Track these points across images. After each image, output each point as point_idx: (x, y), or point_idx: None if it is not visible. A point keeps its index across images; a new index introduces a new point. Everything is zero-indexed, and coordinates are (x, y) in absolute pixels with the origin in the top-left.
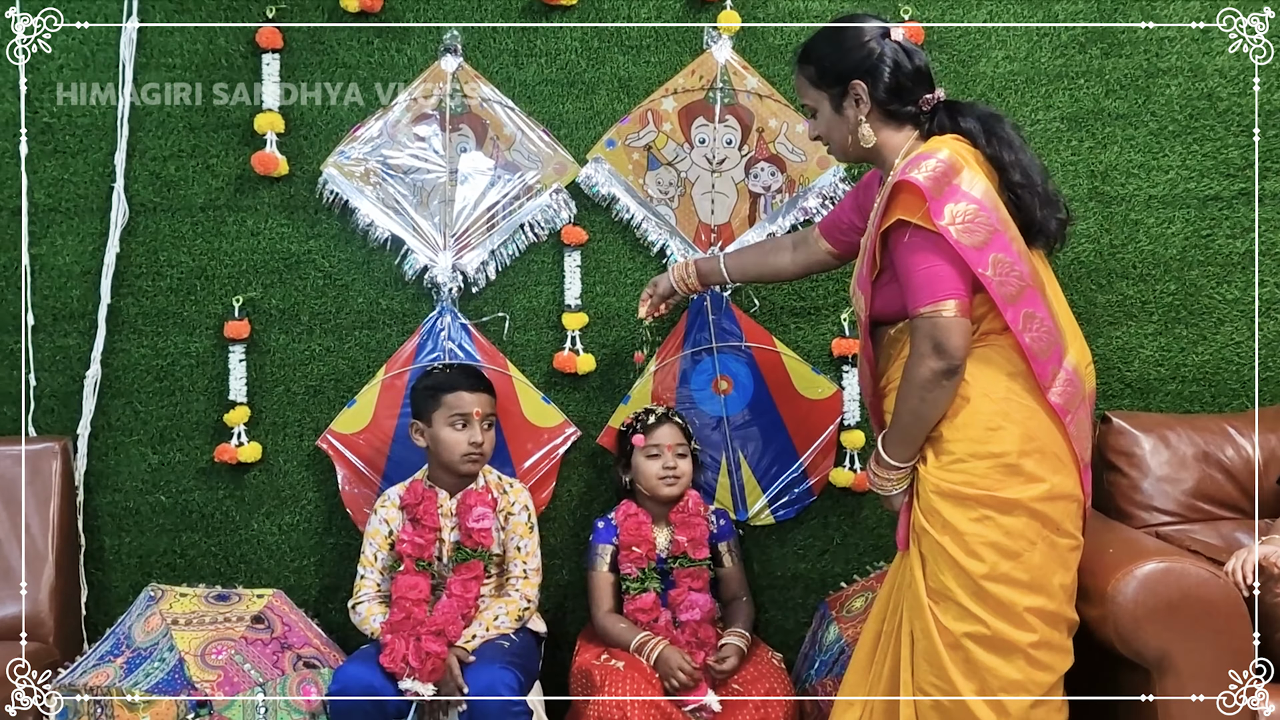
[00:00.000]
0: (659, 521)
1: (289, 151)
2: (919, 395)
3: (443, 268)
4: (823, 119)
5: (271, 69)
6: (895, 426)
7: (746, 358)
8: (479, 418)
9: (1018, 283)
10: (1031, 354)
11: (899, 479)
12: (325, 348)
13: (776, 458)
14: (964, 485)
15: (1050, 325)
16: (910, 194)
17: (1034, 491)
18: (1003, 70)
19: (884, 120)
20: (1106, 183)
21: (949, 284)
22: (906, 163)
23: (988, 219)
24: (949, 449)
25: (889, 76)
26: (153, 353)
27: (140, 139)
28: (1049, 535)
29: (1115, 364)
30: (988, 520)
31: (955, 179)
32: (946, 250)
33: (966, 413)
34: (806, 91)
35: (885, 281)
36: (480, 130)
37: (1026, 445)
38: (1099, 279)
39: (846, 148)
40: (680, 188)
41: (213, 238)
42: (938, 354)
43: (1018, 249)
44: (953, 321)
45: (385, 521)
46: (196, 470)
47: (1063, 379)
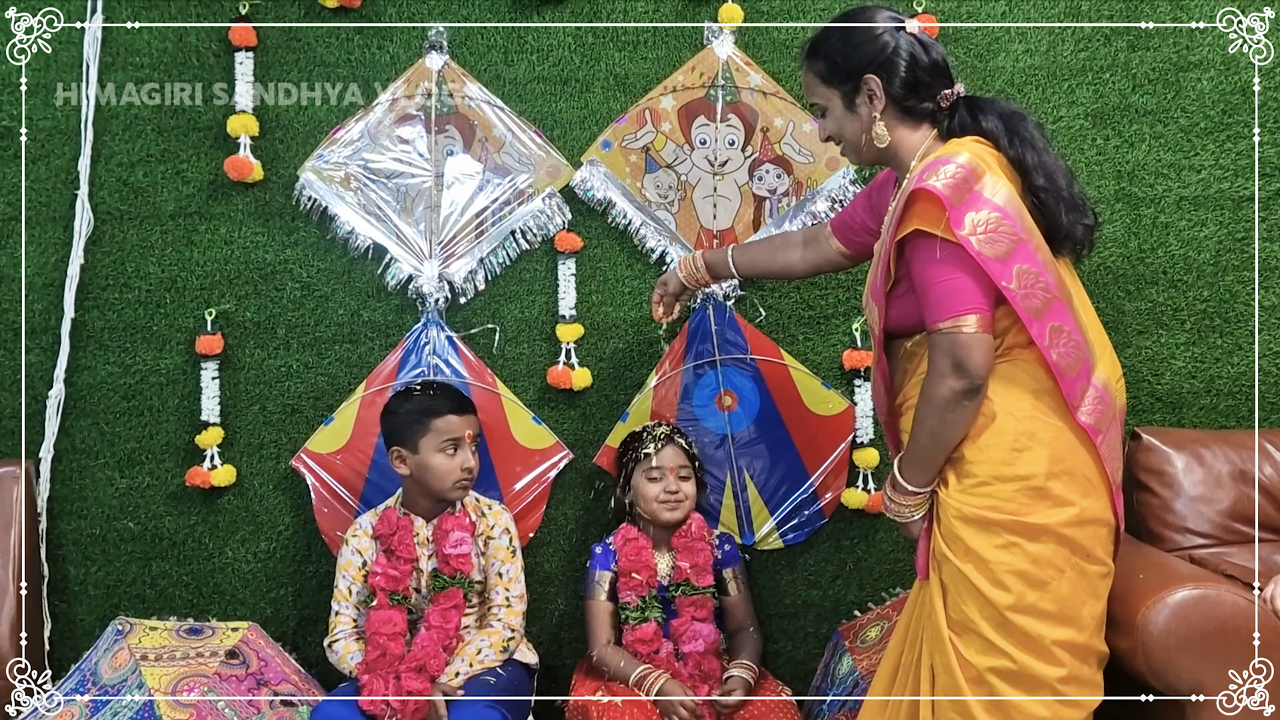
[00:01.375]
0: (660, 546)
1: (264, 155)
2: (938, 416)
3: (428, 277)
4: (834, 118)
5: (245, 68)
6: (912, 449)
7: (752, 371)
8: (470, 440)
9: (1043, 294)
10: (1059, 371)
11: (917, 505)
12: (303, 363)
13: (785, 478)
14: (988, 510)
15: (1079, 339)
16: (928, 203)
17: (1063, 516)
18: (1022, 65)
19: (900, 118)
20: (1134, 183)
21: (970, 298)
22: (924, 167)
23: (1011, 227)
24: (972, 471)
25: (905, 71)
26: (120, 370)
27: (106, 143)
28: (1078, 562)
29: (1145, 376)
30: (1014, 547)
31: (976, 185)
32: (967, 262)
33: (990, 433)
34: (815, 89)
35: (901, 292)
36: (468, 132)
37: (1054, 467)
38: (1127, 285)
39: (860, 148)
40: (680, 191)
41: (183, 247)
42: (958, 373)
43: (1043, 258)
44: (974, 338)
45: (358, 552)
46: (167, 495)
47: (1092, 396)
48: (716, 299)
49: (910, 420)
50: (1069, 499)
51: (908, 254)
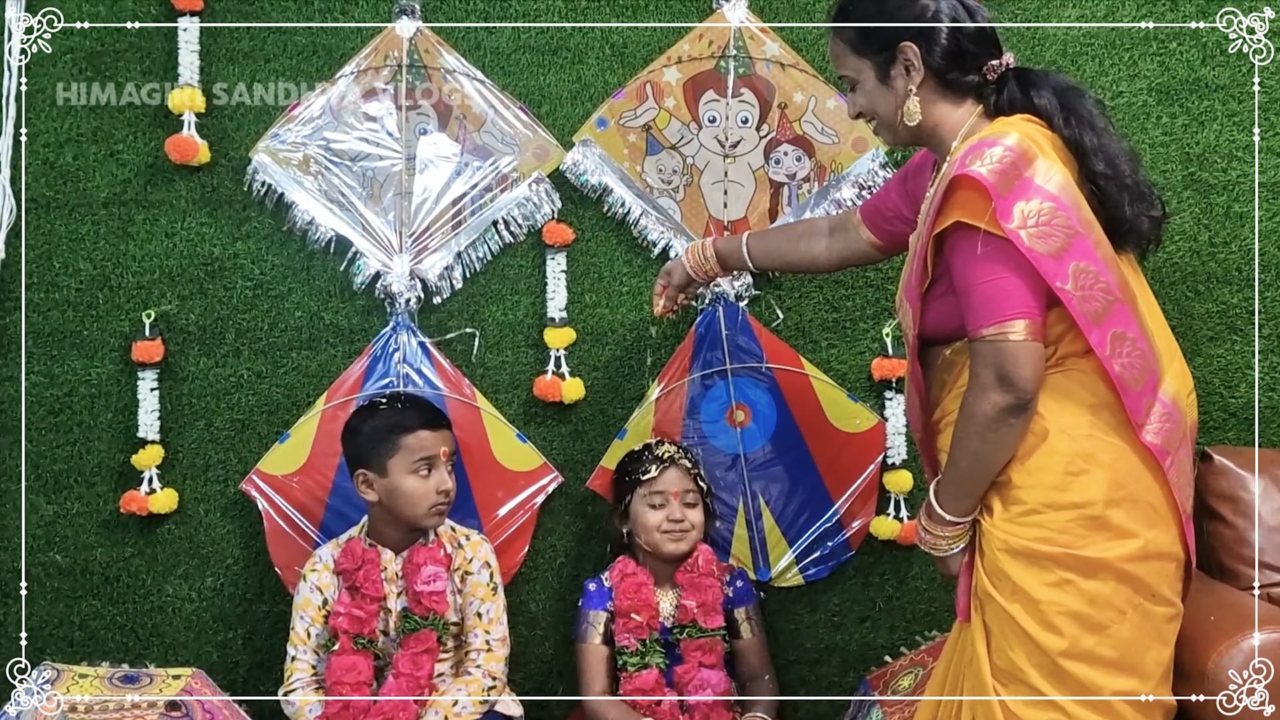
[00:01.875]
0: (662, 583)
1: (211, 135)
2: (980, 435)
3: (398, 274)
4: (865, 92)
5: (189, 35)
6: (951, 472)
7: (768, 382)
8: (445, 459)
9: (1104, 297)
10: (1122, 384)
11: (956, 536)
12: (255, 373)
13: (805, 504)
14: (1038, 542)
15: (1144, 347)
16: (972, 191)
17: (1124, 550)
18: (1077, 32)
19: (940, 92)
20: (1205, 168)
21: (1018, 300)
22: (966, 150)
23: (1066, 219)
24: (1020, 498)
25: (946, 38)
26: (45, 380)
27: (29, 120)
28: (1142, 603)
29: (1217, 389)
30: (1067, 585)
31: (1027, 171)
32: (1016, 259)
33: (1041, 454)
34: (845, 60)
35: (939, 293)
36: (443, 108)
37: (1115, 493)
38: (1196, 285)
39: (895, 126)
40: (686, 176)
41: (118, 240)
42: (1003, 386)
43: (1103, 255)
44: (1022, 346)
45: (318, 589)
46: (99, 523)
47: (1159, 413)
48: (727, 299)
49: (949, 439)
50: (1131, 530)
51: (947, 249)
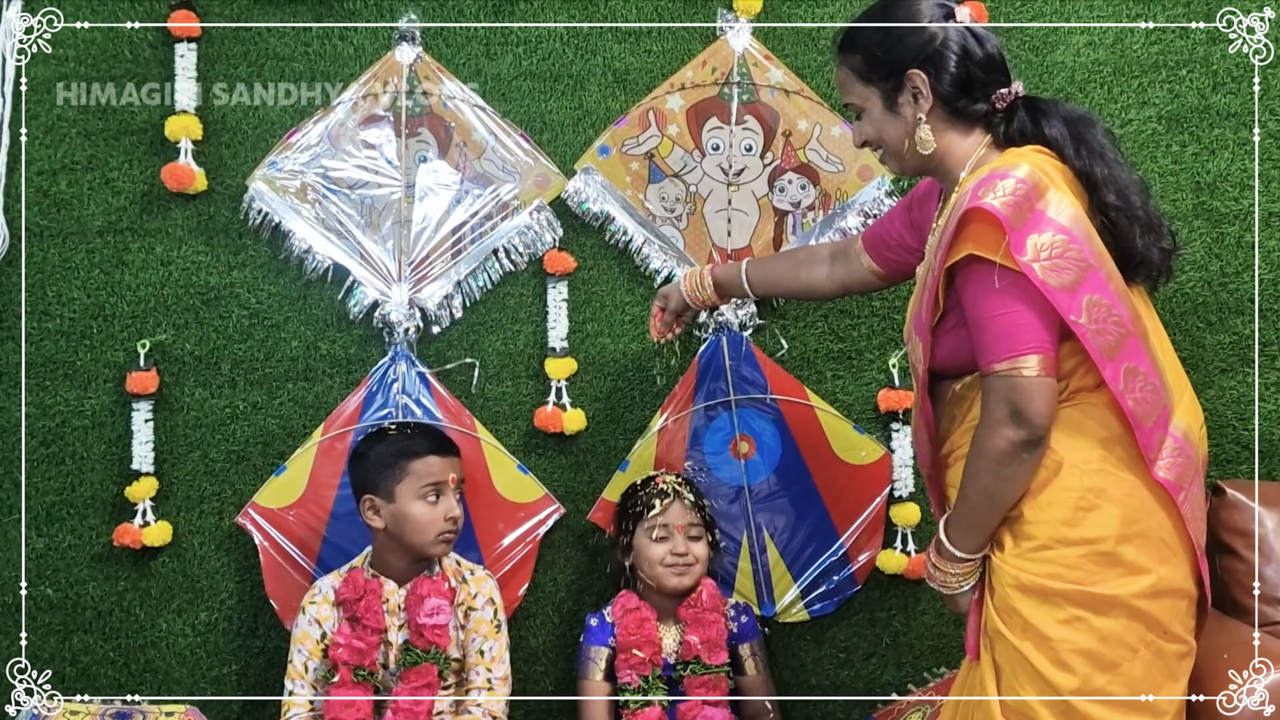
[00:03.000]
0: (666, 618)
1: (207, 163)
2: (992, 471)
3: (397, 304)
4: (872, 120)
5: (186, 62)
6: (962, 508)
7: (773, 413)
8: (454, 484)
9: (1117, 330)
10: (1135, 420)
11: (966, 573)
12: (251, 404)
13: (811, 537)
14: (1049, 578)
15: (1156, 382)
16: (985, 224)
17: (1136, 586)
18: (1085, 59)
19: (949, 121)
20: (1215, 196)
21: (1031, 335)
22: (978, 182)
23: (1079, 252)
24: (1030, 533)
25: (955, 66)
26: (38, 411)
27: (25, 148)
28: (1154, 640)
29: (1229, 421)
30: (1079, 622)
31: (1039, 203)
32: (1029, 293)
33: (1053, 489)
34: (852, 87)
35: (950, 326)
36: (443, 135)
37: (1127, 529)
38: (1208, 316)
39: (903, 155)
40: (689, 204)
41: (113, 269)
42: (1016, 422)
43: (1115, 288)
44: (1035, 382)
45: (316, 621)
46: (91, 556)
47: (1171, 448)
48: (731, 329)
49: (958, 474)
50: (1144, 566)
51: (959, 282)
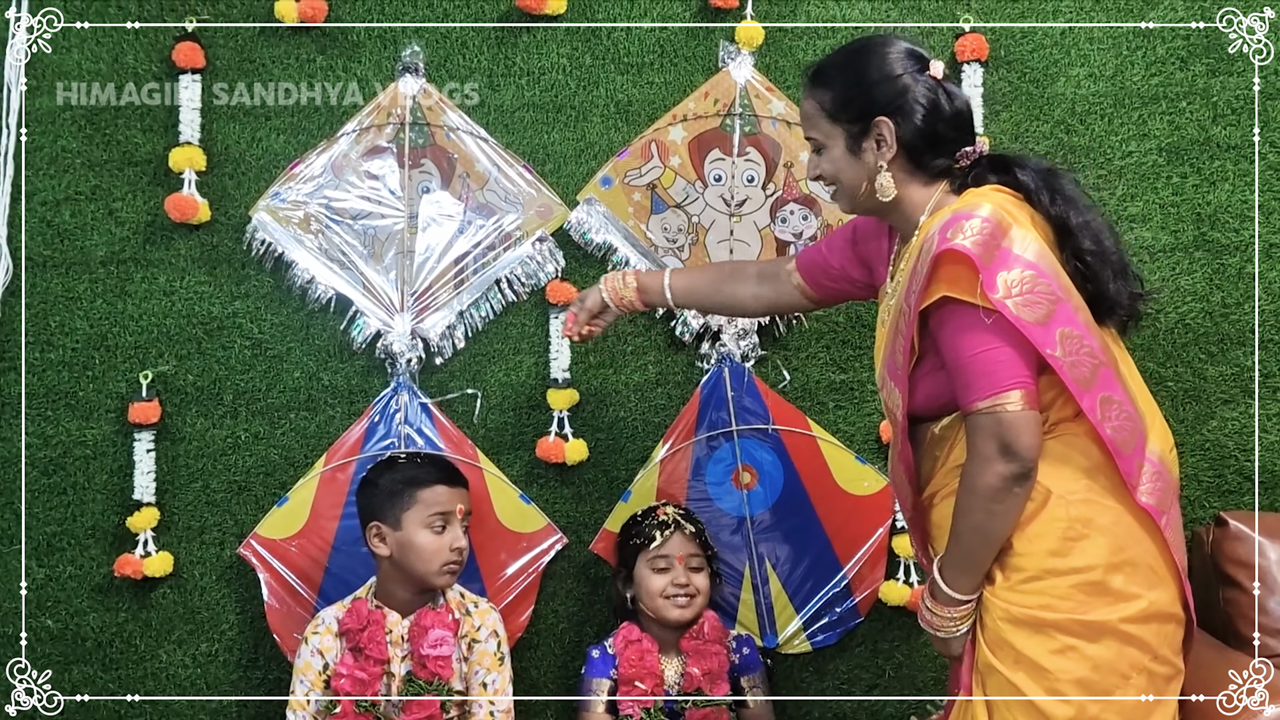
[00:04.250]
0: (667, 650)
1: (211, 193)
2: (984, 508)
3: (399, 334)
4: (831, 159)
5: (191, 93)
6: (956, 548)
7: (774, 443)
8: (461, 516)
9: (1090, 361)
10: (1115, 448)
11: (964, 616)
12: (253, 434)
13: (813, 568)
14: (1041, 609)
15: (1130, 410)
16: (958, 265)
17: (1127, 612)
18: (1085, 91)
19: (910, 171)
20: (1216, 228)
21: (1011, 370)
22: (943, 224)
23: (1048, 286)
24: (1020, 565)
25: (922, 120)
26: (39, 441)
27: (28, 179)
28: (1146, 665)
29: (1232, 452)
30: (1071, 651)
31: (1004, 240)
32: (1005, 329)
33: (1041, 520)
34: (817, 123)
35: (927, 370)
36: (446, 166)
37: (1115, 557)
38: (1209, 347)
39: (857, 196)
40: (692, 235)
41: (116, 299)
42: (1006, 457)
43: (1084, 319)
44: (1020, 416)
45: (319, 652)
46: (92, 587)
47: (1149, 473)
48: (733, 360)
49: (941, 514)
50: (1133, 593)
51: (933, 325)
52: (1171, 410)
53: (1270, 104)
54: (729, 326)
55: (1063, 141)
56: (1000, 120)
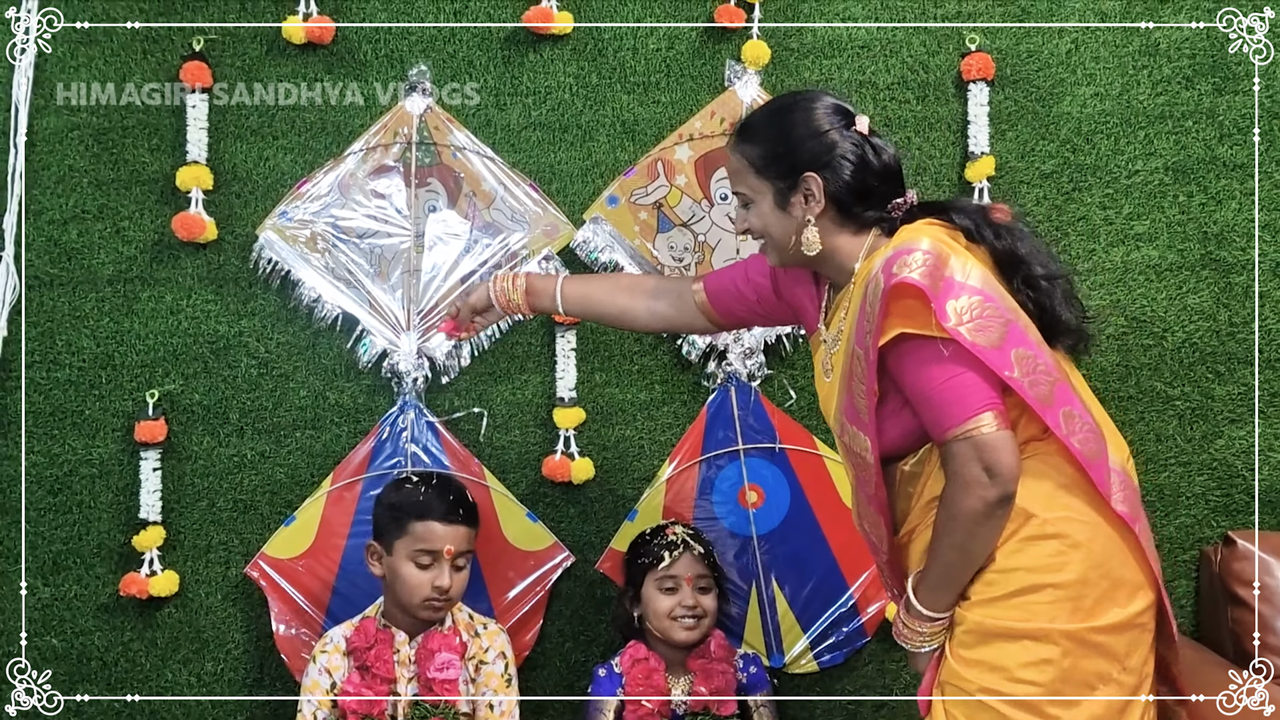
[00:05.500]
0: (674, 669)
1: (218, 212)
2: (967, 531)
3: (405, 353)
4: (760, 213)
5: (198, 113)
6: (936, 568)
7: (781, 462)
8: (449, 557)
9: (1047, 379)
10: (1085, 460)
11: (934, 633)
12: (259, 453)
13: (820, 588)
14: (1018, 620)
15: (1090, 421)
16: (910, 299)
17: (1099, 622)
18: (1091, 110)
19: (839, 224)
20: (1223, 247)
21: (979, 394)
22: (885, 262)
23: (996, 309)
24: (999, 581)
25: (851, 175)
26: (45, 460)
27: (35, 197)
28: (1114, 675)
29: (1239, 471)
30: (1044, 663)
31: (946, 270)
32: (964, 356)
33: (1019, 539)
34: (744, 178)
35: (892, 409)
36: (453, 185)
37: (1093, 571)
38: (1216, 366)
39: (786, 250)
40: (698, 253)
41: (122, 318)
42: (990, 478)
43: (1034, 338)
44: (996, 436)
45: (326, 671)
46: (97, 606)
47: (1118, 482)
48: (739, 379)
49: (919, 548)
50: (1110, 604)
51: (891, 363)
52: (1179, 429)
53: (1278, 123)
54: (735, 346)
55: (1069, 160)
56: (1006, 139)
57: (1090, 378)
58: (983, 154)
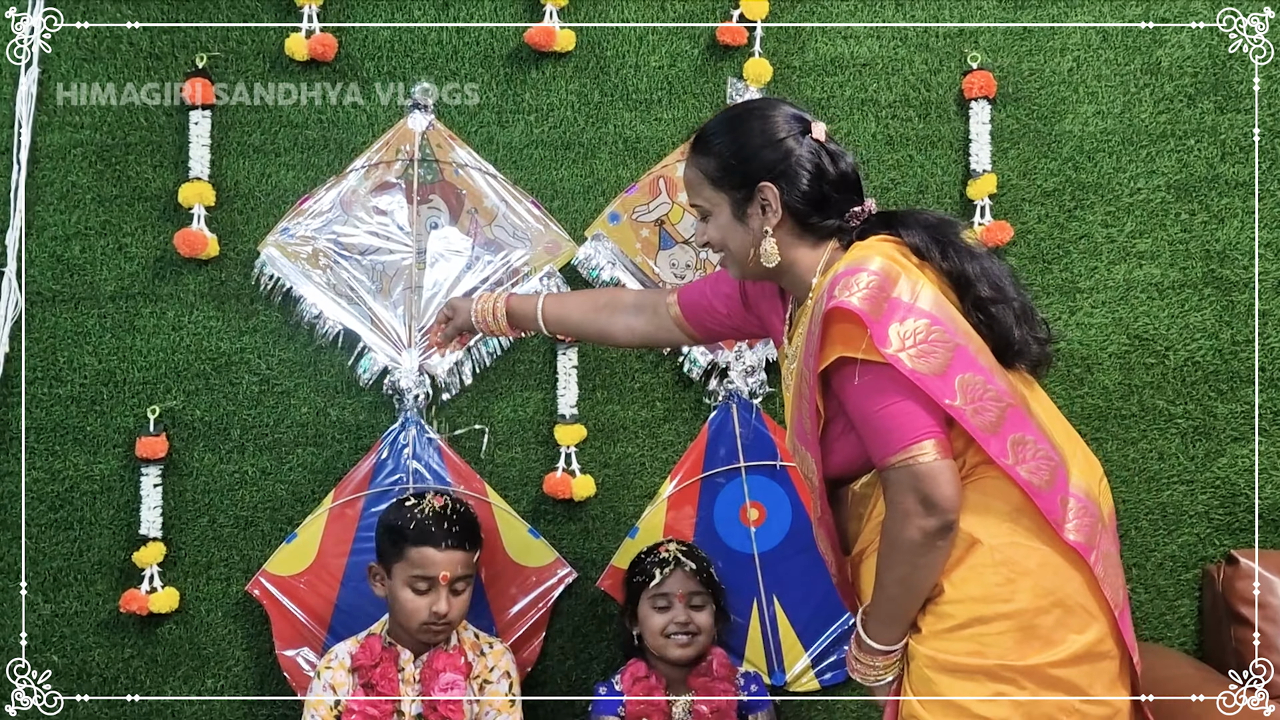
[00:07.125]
0: (675, 687)
1: (220, 229)
2: (908, 562)
3: (407, 370)
4: (718, 225)
5: (201, 129)
6: (880, 601)
7: (783, 480)
8: (446, 583)
9: (995, 405)
10: (1032, 489)
11: (889, 665)
12: (260, 469)
13: (822, 605)
14: (969, 655)
15: (1045, 446)
16: (847, 323)
17: (1056, 655)
18: (1093, 128)
19: (798, 235)
20: (1225, 265)
21: (919, 422)
22: (831, 282)
23: (944, 333)
24: (949, 613)
25: (808, 184)
26: (46, 476)
27: (38, 214)
28: (1077, 707)
29: (1241, 490)
30: (1002, 698)
31: (893, 291)
32: (905, 382)
33: (967, 566)
34: (701, 190)
35: (838, 432)
36: (455, 202)
37: (1043, 600)
38: (1219, 385)
39: (746, 262)
40: (699, 270)
41: (124, 334)
42: (927, 509)
43: (986, 362)
44: (935, 466)
45: (330, 687)
46: (97, 623)
47: (1075, 509)
48: (741, 397)
49: (870, 568)
50: (1062, 636)
51: (835, 386)
52: (1181, 447)
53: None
54: (736, 363)
55: (1071, 178)
56: (1009, 157)
57: (1092, 396)
58: (984, 172)
